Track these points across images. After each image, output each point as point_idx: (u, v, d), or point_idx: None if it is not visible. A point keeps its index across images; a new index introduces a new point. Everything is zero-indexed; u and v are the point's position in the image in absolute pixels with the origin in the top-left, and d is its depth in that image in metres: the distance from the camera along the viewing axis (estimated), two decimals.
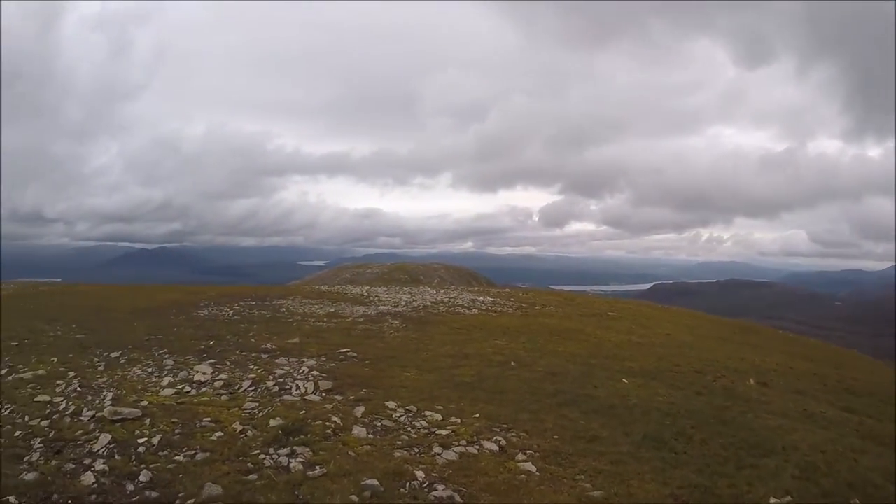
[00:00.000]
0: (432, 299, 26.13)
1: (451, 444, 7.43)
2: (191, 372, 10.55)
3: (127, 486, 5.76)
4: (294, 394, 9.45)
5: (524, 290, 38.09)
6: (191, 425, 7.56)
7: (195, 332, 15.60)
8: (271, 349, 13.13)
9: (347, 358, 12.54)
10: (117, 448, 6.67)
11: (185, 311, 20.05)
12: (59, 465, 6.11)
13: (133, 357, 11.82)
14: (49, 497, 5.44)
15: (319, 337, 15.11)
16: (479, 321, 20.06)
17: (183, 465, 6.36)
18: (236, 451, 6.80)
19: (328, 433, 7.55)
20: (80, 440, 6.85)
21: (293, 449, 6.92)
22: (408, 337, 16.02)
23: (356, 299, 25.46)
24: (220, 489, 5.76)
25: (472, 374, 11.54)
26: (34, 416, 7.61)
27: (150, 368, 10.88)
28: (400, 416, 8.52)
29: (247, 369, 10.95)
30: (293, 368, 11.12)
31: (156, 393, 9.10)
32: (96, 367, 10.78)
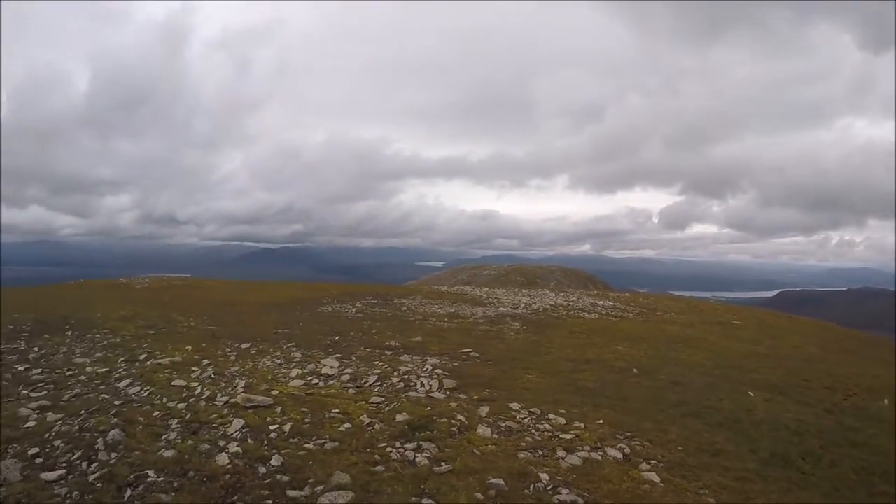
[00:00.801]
0: (551, 302, 28.01)
1: (575, 449, 7.82)
2: (318, 365, 11.86)
3: (259, 468, 6.66)
4: (419, 391, 10.31)
5: (644, 295, 39.57)
6: (320, 416, 8.54)
7: (320, 327, 17.52)
8: (395, 346, 14.47)
9: (470, 358, 13.50)
10: (250, 433, 7.71)
11: (309, 307, 22.63)
12: (195, 445, 7.18)
13: (262, 349, 13.50)
14: (185, 473, 6.41)
15: (441, 336, 16.46)
16: (599, 326, 20.99)
17: (313, 452, 7.20)
18: (364, 443, 7.59)
19: (453, 431, 8.20)
20: (214, 423, 8.01)
21: (419, 444, 7.61)
22: (528, 339, 16.97)
23: (476, 300, 27.69)
24: (349, 478, 6.45)
25: (593, 380, 12.03)
26: (171, 399, 9.03)
27: (279, 360, 12.35)
28: (523, 417, 9.05)
29: (372, 365, 12.14)
30: (417, 366, 12.16)
31: (285, 383, 10.34)
32: (228, 357, 12.46)
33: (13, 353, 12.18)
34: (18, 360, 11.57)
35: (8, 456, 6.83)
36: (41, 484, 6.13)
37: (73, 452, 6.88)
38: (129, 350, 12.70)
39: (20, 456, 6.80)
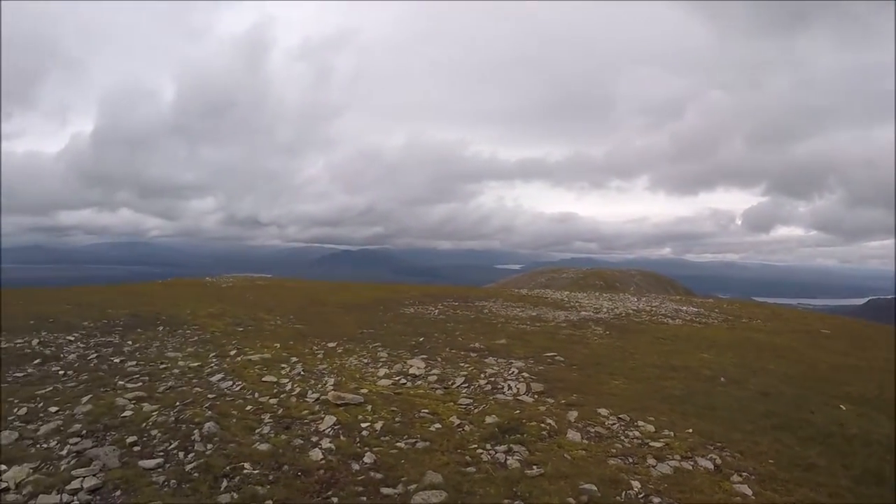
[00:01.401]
0: (634, 307, 27.73)
1: (665, 458, 7.66)
2: (405, 365, 12.01)
3: (352, 465, 6.75)
4: (507, 393, 10.30)
5: (728, 302, 38.55)
6: (410, 415, 8.64)
7: (404, 328, 17.88)
8: (479, 349, 14.56)
9: (555, 362, 13.42)
10: (342, 429, 7.87)
11: (391, 308, 23.04)
12: (288, 440, 7.37)
13: (349, 348, 13.79)
14: (280, 467, 6.58)
15: (524, 339, 16.48)
16: (683, 332, 20.53)
17: (404, 451, 7.27)
18: (454, 444, 7.62)
19: (543, 435, 8.17)
20: (306, 419, 8.20)
21: (510, 447, 7.59)
22: (612, 345, 16.76)
23: (557, 304, 27.72)
24: (441, 478, 6.48)
25: (680, 388, 11.74)
26: (263, 394, 9.32)
27: (366, 359, 12.57)
28: (612, 423, 8.91)
29: (458, 366, 12.23)
30: (502, 369, 12.18)
31: (373, 382, 10.50)
32: (316, 355, 12.79)
33: (108, 346, 12.86)
34: (114, 353, 12.23)
35: (107, 443, 7.15)
36: (139, 471, 6.38)
37: (169, 442, 7.15)
38: (219, 346, 13.22)
39: (118, 443, 7.12)
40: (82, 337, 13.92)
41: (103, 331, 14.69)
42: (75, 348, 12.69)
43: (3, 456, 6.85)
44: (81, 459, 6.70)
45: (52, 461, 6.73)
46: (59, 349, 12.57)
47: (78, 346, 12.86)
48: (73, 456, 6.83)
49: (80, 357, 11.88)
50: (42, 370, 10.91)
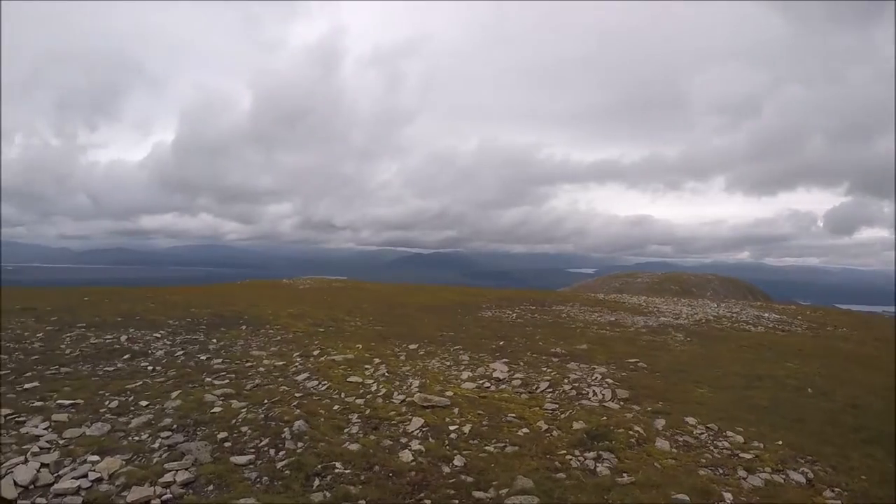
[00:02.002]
0: (714, 313, 27.34)
1: (756, 470, 7.42)
2: (487, 369, 11.97)
3: (443, 467, 6.72)
4: (592, 399, 10.14)
5: (811, 308, 36.99)
6: (497, 419, 8.57)
7: (483, 331, 17.87)
8: (560, 353, 14.41)
9: (637, 368, 13.17)
10: (430, 432, 7.86)
11: (469, 311, 23.23)
12: (377, 441, 7.40)
13: (430, 350, 13.82)
14: (371, 467, 6.60)
15: (605, 345, 16.27)
16: (766, 340, 19.84)
17: (493, 455, 7.20)
18: (543, 449, 7.52)
19: (632, 442, 8.00)
20: (393, 420, 8.24)
21: (599, 454, 7.47)
22: (694, 352, 16.35)
23: (635, 309, 27.43)
24: (532, 483, 6.40)
25: (766, 398, 11.31)
26: (349, 395, 9.42)
27: (448, 362, 12.57)
28: (700, 433, 8.68)
29: (540, 371, 12.12)
30: (585, 374, 12.00)
31: (458, 385, 10.47)
32: (398, 357, 12.88)
33: (194, 344, 13.26)
34: (199, 350, 12.60)
35: (197, 438, 7.31)
36: (231, 467, 6.49)
37: (260, 439, 7.26)
38: (302, 346, 13.45)
39: (209, 439, 7.27)
40: (168, 334, 14.41)
41: (188, 329, 15.18)
42: (162, 345, 13.13)
43: (96, 447, 7.09)
44: (173, 453, 6.87)
45: (144, 454, 6.92)
46: (146, 345, 13.03)
47: (164, 343, 13.30)
48: (165, 449, 7.01)
49: (167, 353, 12.28)
50: (131, 365, 11.31)
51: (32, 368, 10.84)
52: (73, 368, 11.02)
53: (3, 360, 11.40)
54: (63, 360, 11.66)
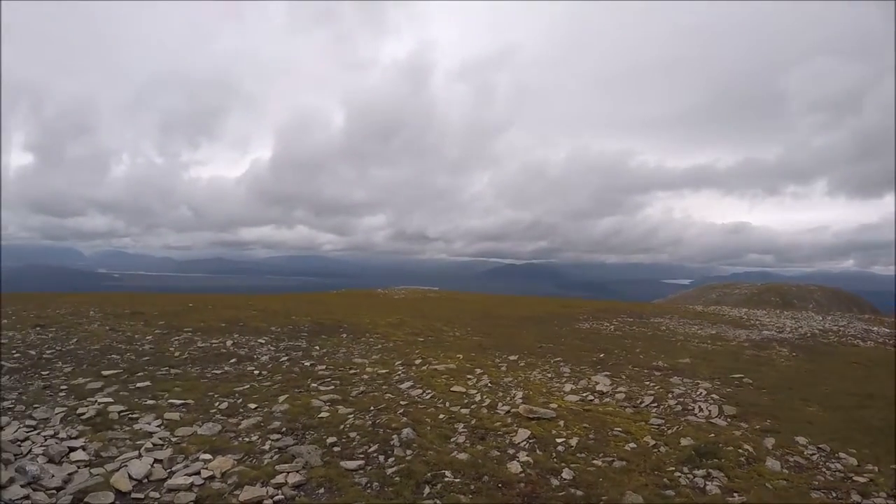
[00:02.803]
0: (819, 326, 25.96)
1: (871, 494, 7.00)
2: (590, 381, 11.83)
3: (552, 480, 6.64)
4: (698, 415, 9.82)
5: None
6: (603, 433, 8.42)
7: (581, 343, 17.65)
8: (663, 367, 14.07)
9: (742, 384, 12.67)
10: (537, 443, 7.79)
11: (566, 322, 23.00)
12: (484, 451, 7.38)
13: (530, 361, 13.76)
14: (480, 477, 6.58)
15: (707, 359, 15.74)
16: (877, 356, 18.61)
17: (602, 469, 7.07)
18: (651, 465, 7.32)
19: (741, 461, 7.70)
20: (499, 431, 8.20)
21: (708, 471, 7.21)
22: (801, 368, 15.59)
23: (736, 322, 26.41)
24: (641, 499, 6.24)
25: (880, 418, 10.55)
26: (454, 404, 9.46)
27: (549, 374, 12.49)
28: (812, 454, 8.26)
29: (643, 385, 11.88)
30: (689, 389, 11.67)
31: (561, 397, 10.37)
32: (499, 367, 12.88)
33: (297, 350, 13.67)
34: (303, 357, 12.98)
35: (307, 441, 7.50)
36: (342, 471, 6.61)
37: (369, 445, 7.38)
38: (403, 354, 13.64)
39: (318, 443, 7.45)
40: (271, 340, 14.89)
41: (290, 336, 15.65)
42: (266, 350, 13.59)
43: (207, 446, 7.40)
44: (284, 455, 7.07)
45: (255, 455, 7.16)
46: (251, 351, 13.52)
47: (269, 349, 13.77)
48: (276, 451, 7.22)
49: (272, 359, 12.71)
50: (238, 369, 11.76)
51: (144, 368, 11.53)
52: (182, 370, 11.59)
53: (116, 361, 12.11)
54: (172, 361, 12.28)
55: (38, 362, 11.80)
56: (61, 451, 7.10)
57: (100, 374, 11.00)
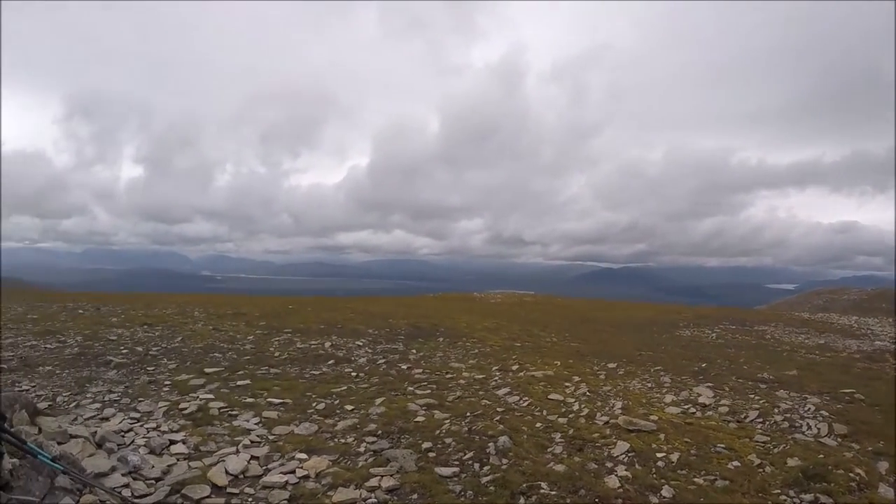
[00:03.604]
0: None
1: None
2: (691, 393, 11.24)
3: (650, 497, 6.34)
4: (806, 433, 9.13)
5: None
6: (705, 449, 7.96)
7: (682, 351, 16.90)
8: (768, 379, 13.19)
9: (854, 400, 11.65)
10: (636, 457, 7.46)
11: (665, 329, 22.16)
12: (582, 463, 7.14)
13: (629, 370, 13.30)
14: (577, 490, 6.37)
15: (815, 371, 14.67)
16: None
17: (703, 489, 6.68)
18: (755, 486, 6.86)
19: (852, 486, 7.07)
20: (597, 442, 7.91)
21: (816, 496, 6.69)
22: None
23: (845, 331, 24.58)
24: None
25: None
26: (551, 412, 9.21)
27: (649, 383, 12.00)
28: None
29: (747, 398, 11.18)
30: (797, 404, 10.87)
31: (661, 409, 9.91)
32: (597, 375, 12.49)
33: (394, 353, 13.76)
34: (400, 360, 13.05)
35: (402, 445, 7.49)
36: (436, 477, 6.56)
37: (464, 452, 7.28)
38: (500, 360, 13.48)
39: (413, 447, 7.42)
40: (369, 343, 15.07)
41: (387, 339, 15.79)
42: (364, 353, 13.75)
43: (303, 445, 7.53)
44: (378, 458, 7.09)
45: (350, 456, 7.21)
46: (349, 353, 13.71)
47: (366, 351, 13.93)
48: (370, 454, 7.25)
49: (369, 361, 12.84)
50: (336, 370, 11.95)
51: (244, 367, 11.93)
52: (281, 370, 11.89)
53: (218, 359, 12.58)
54: (272, 361, 12.62)
55: (145, 358, 12.50)
56: (162, 443, 7.52)
57: (202, 371, 11.49)
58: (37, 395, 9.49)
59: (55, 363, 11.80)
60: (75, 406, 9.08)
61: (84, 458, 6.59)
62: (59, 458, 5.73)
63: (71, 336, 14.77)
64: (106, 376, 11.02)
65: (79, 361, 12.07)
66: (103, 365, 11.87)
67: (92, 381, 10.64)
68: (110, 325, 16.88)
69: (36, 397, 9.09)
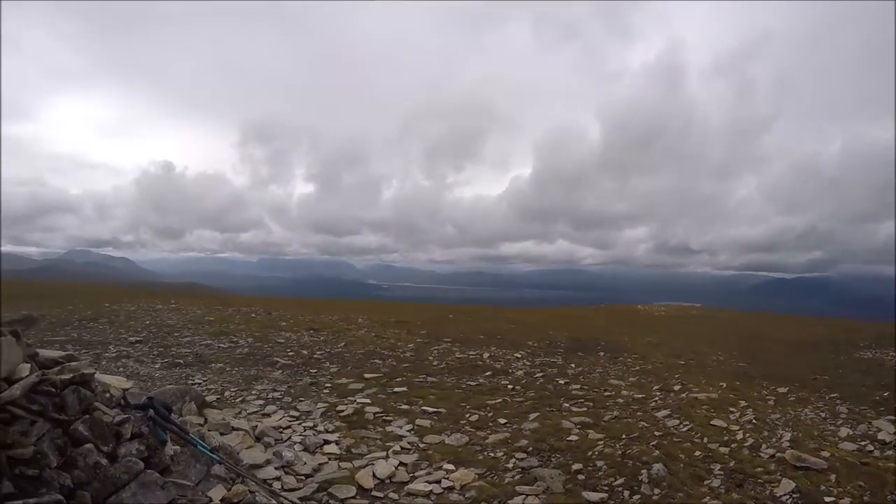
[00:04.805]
0: None
1: None
2: (870, 427, 9.86)
3: None
4: None
5: None
6: (880, 496, 6.89)
7: (862, 377, 14.89)
8: None
9: None
10: (801, 499, 6.63)
11: (844, 350, 19.71)
12: (741, 501, 6.47)
13: (801, 396, 12.02)
14: None
15: None
16: None
17: None
18: None
19: None
20: (760, 478, 7.13)
21: None
22: None
23: None
24: None
25: None
26: (712, 440, 8.43)
27: (823, 413, 10.74)
28: None
29: None
30: None
31: (834, 444, 8.76)
32: (766, 401, 11.39)
33: (552, 367, 13.45)
34: (558, 374, 12.73)
35: (551, 465, 7.24)
36: (583, 502, 6.25)
37: (615, 477, 6.88)
38: (661, 379, 12.75)
39: (563, 468, 7.13)
40: (527, 355, 14.86)
41: (546, 351, 15.50)
42: (522, 365, 13.56)
43: (452, 456, 7.49)
44: (526, 476, 6.89)
45: (498, 471, 7.07)
46: (507, 364, 13.58)
47: (524, 364, 13.73)
48: (518, 471, 7.07)
49: (526, 374, 12.63)
50: (492, 382, 11.85)
51: (402, 374, 12.17)
52: (438, 379, 11.99)
53: (377, 365, 12.91)
54: (430, 370, 12.77)
55: (309, 361, 13.15)
56: (317, 442, 7.87)
57: (362, 376, 11.86)
58: (207, 388, 10.34)
59: (226, 361, 12.78)
60: (241, 401, 9.77)
61: (242, 449, 7.05)
62: (217, 449, 6.22)
63: (243, 337, 15.93)
64: (271, 376, 11.72)
65: (248, 361, 12.97)
66: (270, 365, 12.65)
67: (258, 379, 11.39)
68: (279, 328, 18.00)
69: (206, 391, 9.90)
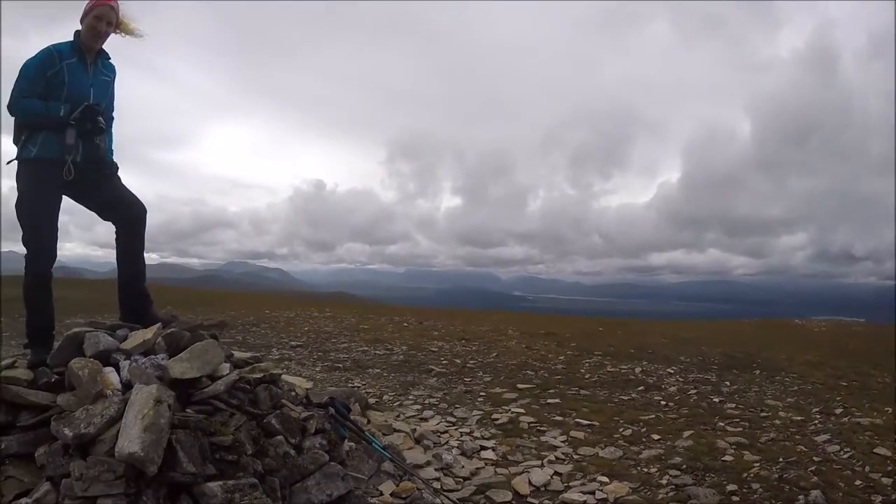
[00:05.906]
0: None
1: None
2: None
3: None
4: None
5: None
6: None
7: None
8: None
9: None
10: None
11: None
12: None
13: None
14: None
15: None
16: None
17: None
18: None
19: None
20: None
21: None
22: None
23: None
24: None
25: None
26: (874, 469, 7.78)
27: None
28: None
29: None
30: None
31: None
32: None
33: (706, 384, 12.97)
34: (712, 392, 12.24)
35: (705, 484, 7.11)
36: None
37: (770, 502, 6.64)
38: (822, 400, 11.82)
39: (717, 488, 6.97)
40: (680, 371, 14.44)
41: (700, 367, 14.97)
42: (674, 381, 13.21)
43: (606, 469, 7.52)
44: (679, 494, 6.82)
45: (651, 487, 7.05)
46: (659, 380, 13.30)
47: (677, 380, 13.37)
48: (672, 488, 7.01)
49: (679, 390, 12.28)
50: (645, 397, 11.68)
51: (555, 386, 12.23)
52: (590, 392, 11.97)
53: (529, 376, 13.15)
54: (582, 383, 12.76)
55: (462, 370, 13.51)
56: (473, 447, 8.19)
57: (515, 386, 12.06)
58: (367, 391, 10.88)
59: (383, 367, 13.42)
60: (399, 405, 10.28)
61: (404, 450, 7.44)
62: (386, 448, 6.71)
63: (397, 345, 16.57)
64: (427, 382, 12.20)
65: (403, 367, 13.55)
66: (425, 372, 13.15)
67: (414, 385, 11.88)
68: (431, 337, 18.54)
69: (366, 394, 10.42)
